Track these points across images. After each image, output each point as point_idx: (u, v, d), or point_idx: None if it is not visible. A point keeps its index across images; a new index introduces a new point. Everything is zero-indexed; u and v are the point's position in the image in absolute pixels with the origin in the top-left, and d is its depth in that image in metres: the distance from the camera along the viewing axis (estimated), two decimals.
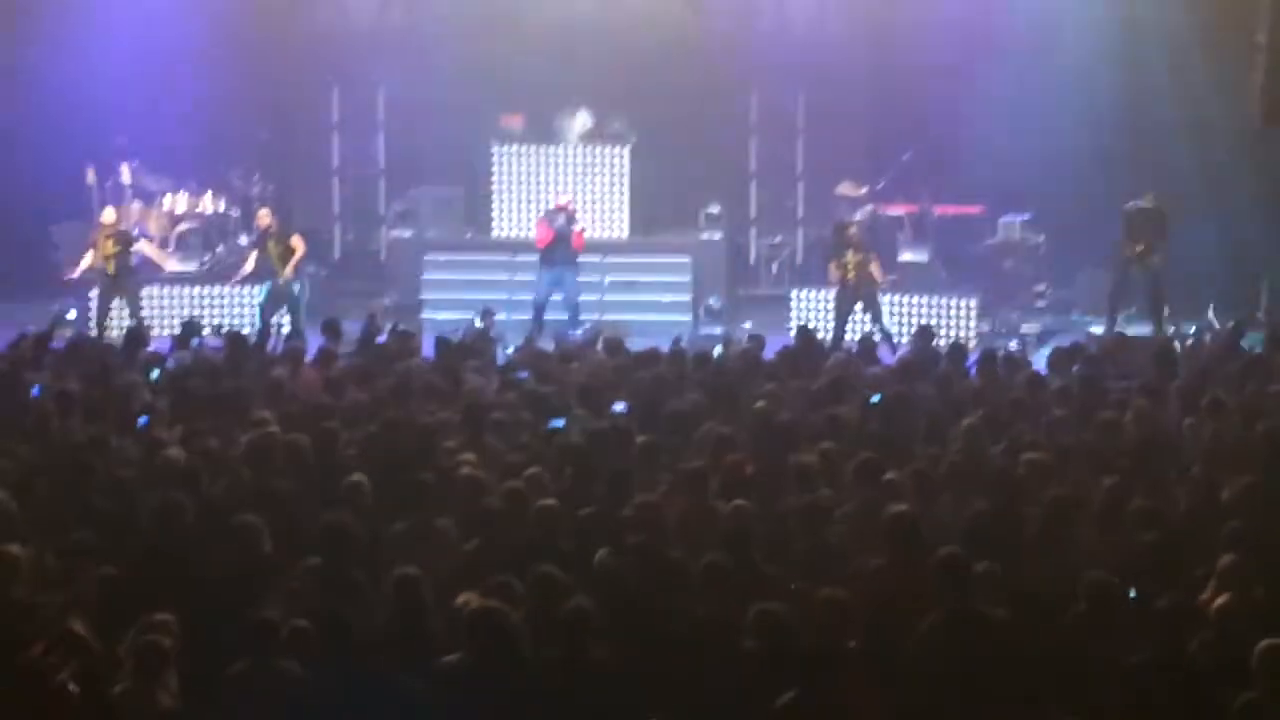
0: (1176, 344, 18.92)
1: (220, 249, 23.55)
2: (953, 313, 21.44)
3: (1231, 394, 15.04)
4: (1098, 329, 20.98)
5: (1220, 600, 9.30)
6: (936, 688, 8.47)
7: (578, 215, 21.94)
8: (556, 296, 21.48)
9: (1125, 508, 10.71)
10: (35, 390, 14.78)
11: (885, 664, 8.79)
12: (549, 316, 21.32)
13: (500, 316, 20.31)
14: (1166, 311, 21.18)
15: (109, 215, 21.35)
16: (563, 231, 21.55)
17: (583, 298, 21.78)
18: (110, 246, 20.97)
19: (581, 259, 21.91)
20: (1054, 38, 22.72)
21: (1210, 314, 21.27)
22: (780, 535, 10.48)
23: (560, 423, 13.53)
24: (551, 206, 22.20)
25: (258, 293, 21.44)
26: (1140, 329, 20.45)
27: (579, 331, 19.88)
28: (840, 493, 11.43)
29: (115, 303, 20.98)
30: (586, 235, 21.96)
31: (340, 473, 11.46)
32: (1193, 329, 20.25)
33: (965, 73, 22.69)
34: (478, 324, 18.70)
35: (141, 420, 13.59)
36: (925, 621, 9.06)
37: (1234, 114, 21.74)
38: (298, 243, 21.34)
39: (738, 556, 9.77)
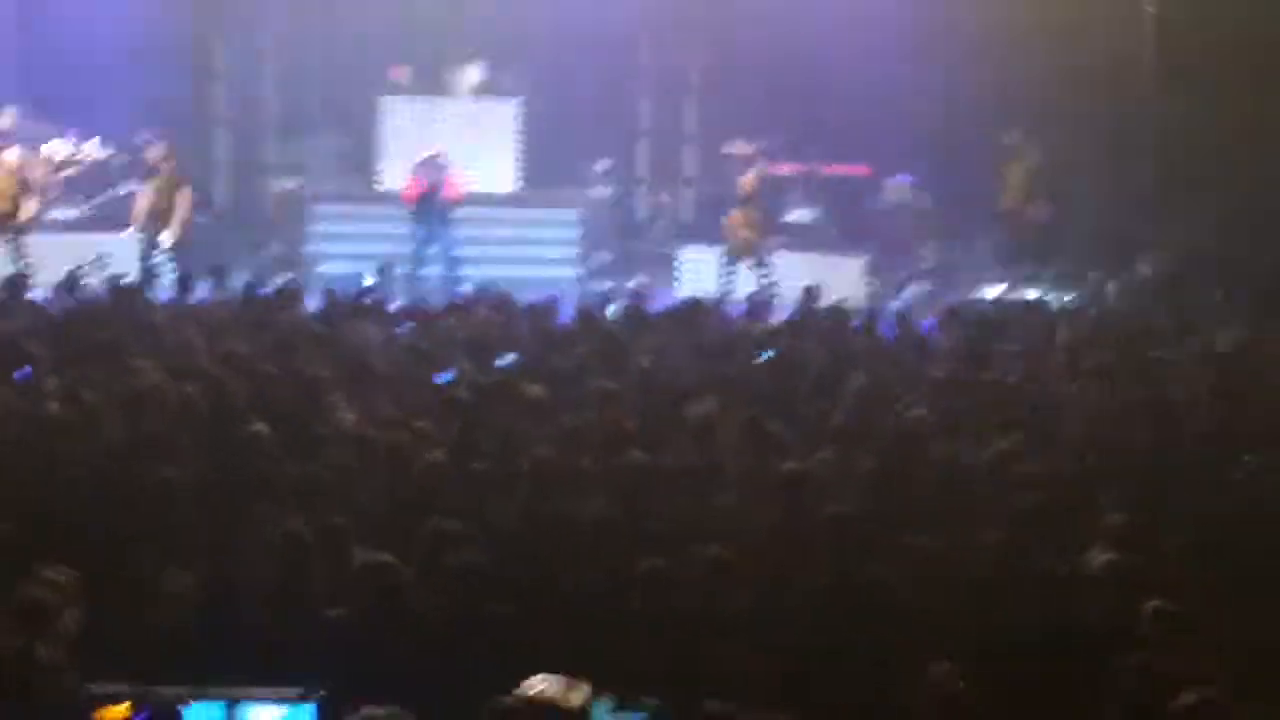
0: (1065, 306, 19.18)
1: (102, 197, 23.32)
2: (840, 273, 21.55)
3: (1115, 356, 15.27)
4: (988, 291, 21.21)
5: (1102, 561, 9.44)
6: (824, 649, 8.54)
7: (449, 167, 21.80)
8: (433, 250, 21.44)
9: (1011, 469, 10.84)
10: None
11: (772, 625, 8.86)
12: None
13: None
14: (1049, 270, 21.47)
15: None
16: (434, 183, 21.52)
17: (466, 251, 21.72)
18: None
19: (469, 212, 21.89)
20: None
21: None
22: (668, 492, 10.54)
23: (449, 376, 13.53)
24: (420, 159, 22.04)
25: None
26: (1031, 291, 20.62)
27: (461, 286, 19.86)
28: (728, 450, 11.50)
29: None
30: (475, 188, 21.97)
31: (228, 423, 11.45)
32: (1077, 291, 20.48)
33: (861, 30, 22.77)
34: (368, 279, 18.74)
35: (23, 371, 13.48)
36: (809, 579, 9.16)
37: (1127, 74, 21.74)
38: (184, 199, 21.17)
39: (626, 513, 9.83)
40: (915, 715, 7.33)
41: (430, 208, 21.50)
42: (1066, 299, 20.25)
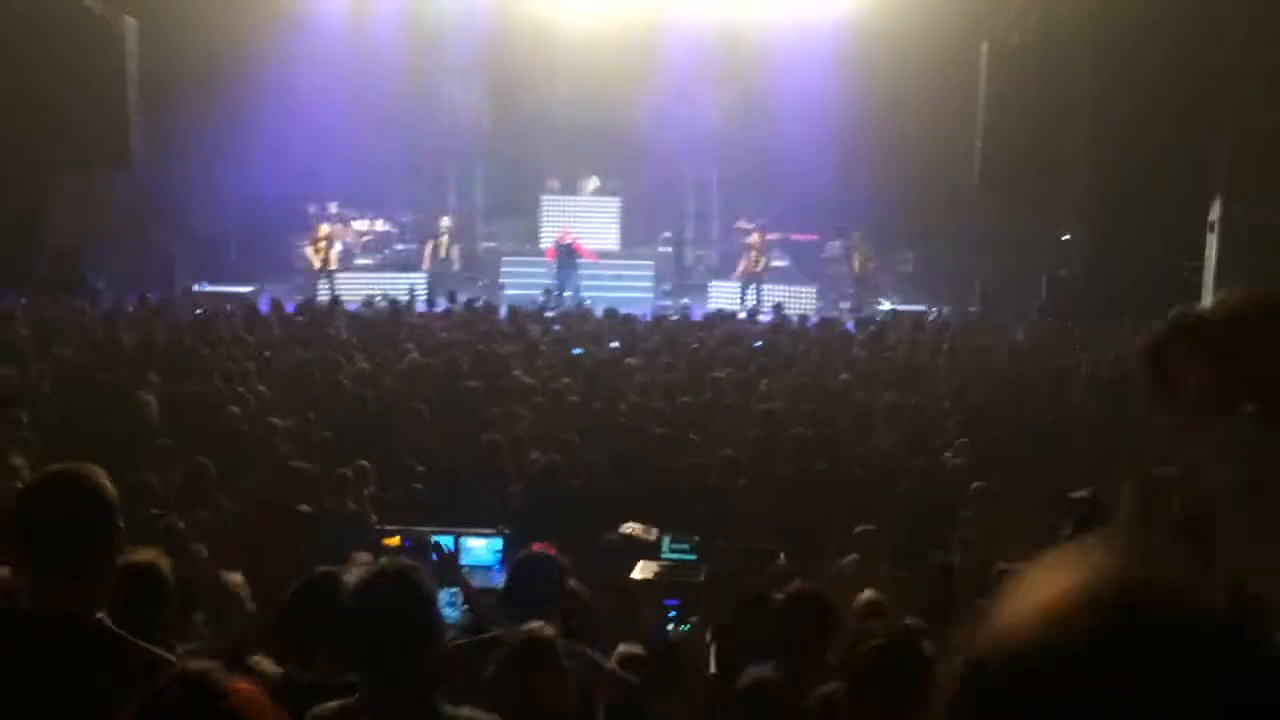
0: (929, 315, 19.07)
1: (386, 252, 23.49)
2: (802, 297, 21.47)
3: (959, 343, 15.17)
4: (885, 304, 21.11)
5: (953, 461, 9.39)
6: (791, 506, 8.54)
7: (573, 236, 21.96)
8: (568, 285, 21.40)
9: (898, 408, 10.80)
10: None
11: (760, 493, 8.86)
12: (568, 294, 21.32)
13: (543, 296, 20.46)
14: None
15: (324, 230, 21.37)
16: (562, 247, 21.56)
17: (589, 283, 21.67)
18: (324, 249, 21.01)
19: (588, 262, 22.00)
20: (869, 129, 22.55)
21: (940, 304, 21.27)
22: (701, 420, 10.55)
23: (579, 351, 13.57)
24: (557, 236, 22.19)
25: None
26: (909, 307, 20.49)
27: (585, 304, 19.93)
28: (733, 394, 11.50)
29: (323, 282, 20.88)
30: (595, 248, 22.12)
31: (457, 380, 11.52)
32: (935, 308, 20.37)
33: (815, 150, 22.63)
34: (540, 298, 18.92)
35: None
36: (783, 469, 9.15)
37: (965, 172, 21.43)
38: (456, 250, 22.30)
39: (677, 431, 9.84)
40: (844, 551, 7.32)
41: (563, 261, 21.57)
42: (930, 310, 20.13)
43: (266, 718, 2.18)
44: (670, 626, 6.51)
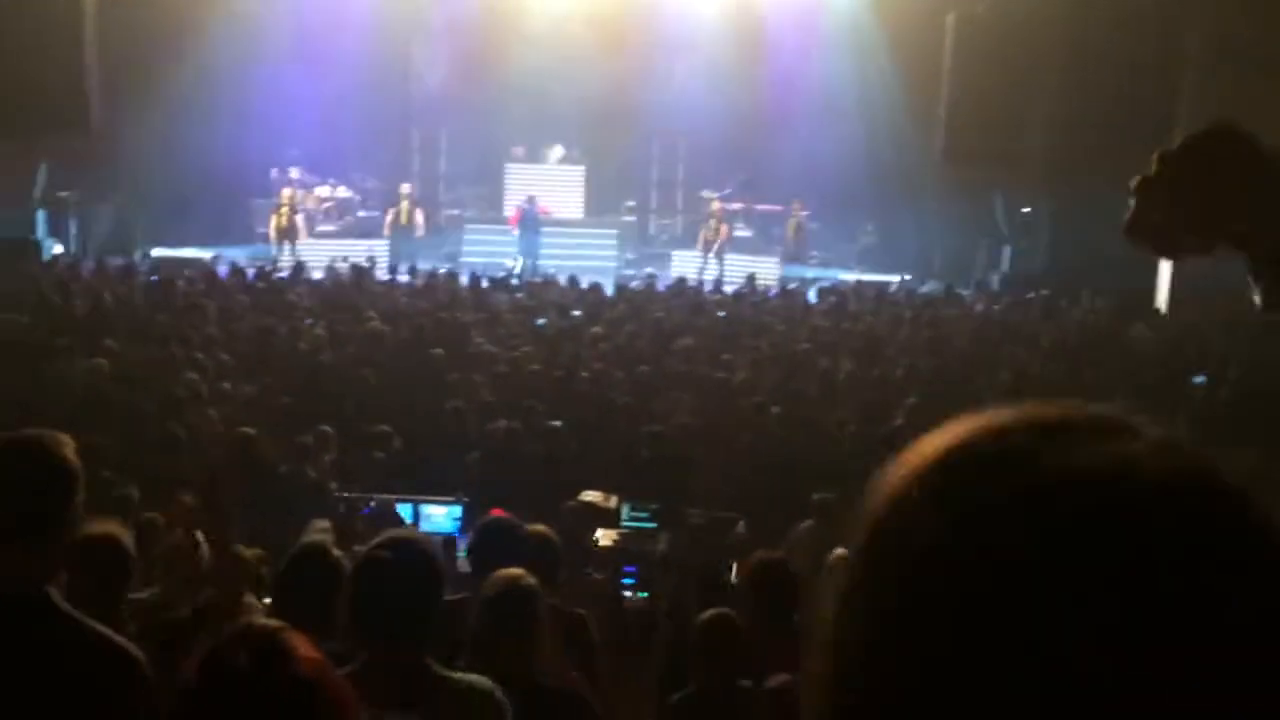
0: (891, 287, 19.11)
1: (348, 218, 23.27)
2: (764, 267, 21.46)
3: (922, 314, 15.23)
4: (844, 276, 21.14)
5: (900, 424, 9.42)
6: (751, 474, 8.56)
7: (538, 203, 21.83)
8: (530, 252, 21.30)
9: (857, 376, 10.84)
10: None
11: (721, 462, 8.88)
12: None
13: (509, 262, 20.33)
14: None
15: (285, 195, 21.17)
16: (528, 213, 21.41)
17: (553, 252, 21.59)
18: (285, 214, 20.83)
19: (558, 230, 21.88)
20: (834, 100, 22.61)
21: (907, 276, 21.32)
22: (664, 389, 10.55)
23: (542, 321, 13.52)
24: (523, 201, 21.97)
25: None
26: (873, 278, 20.51)
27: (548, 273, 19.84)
28: (699, 366, 11.50)
29: (286, 249, 20.73)
30: (559, 216, 22.05)
31: (417, 348, 11.44)
32: (897, 279, 20.40)
33: (779, 121, 22.68)
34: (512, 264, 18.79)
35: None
36: (744, 437, 9.17)
37: (929, 144, 21.40)
38: (419, 213, 21.84)
39: (638, 399, 9.84)
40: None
41: (526, 228, 21.46)
42: (890, 281, 20.17)
43: (336, 685, 1.93)
44: (629, 594, 6.52)
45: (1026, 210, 21.14)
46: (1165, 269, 18.78)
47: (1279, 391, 9.97)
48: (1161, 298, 18.48)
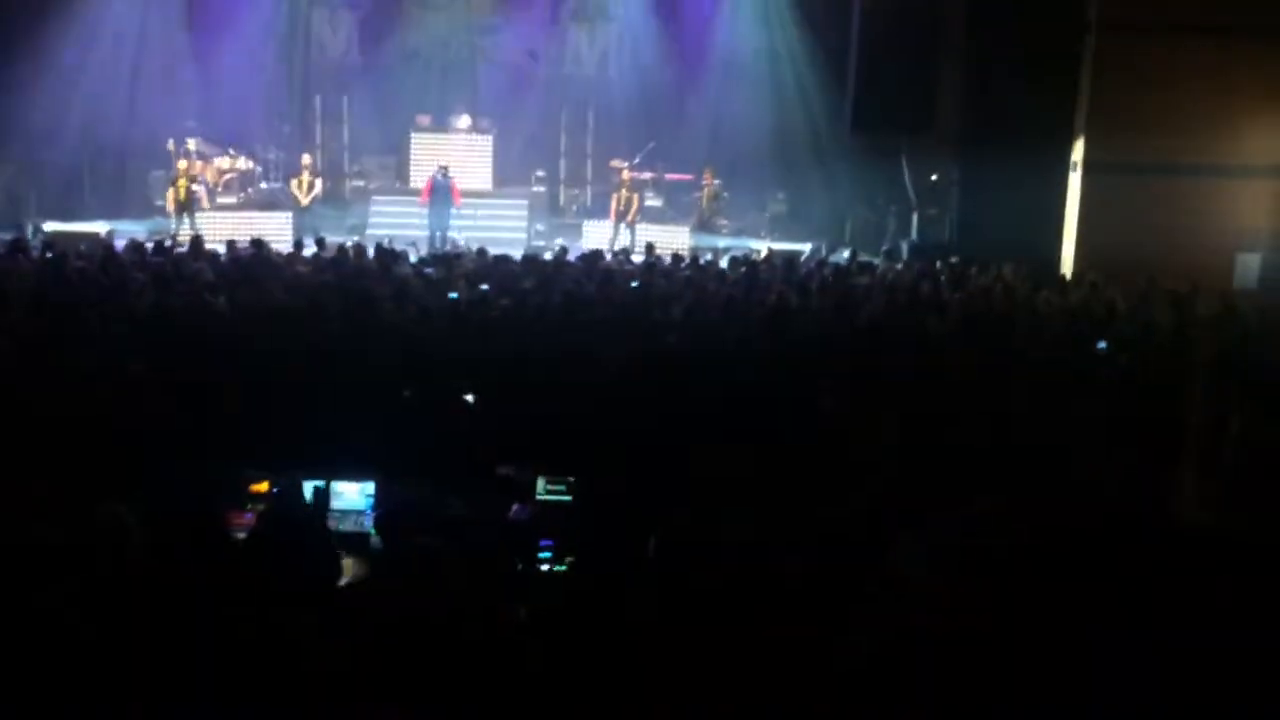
0: (802, 255, 19.19)
1: (250, 190, 22.77)
2: (675, 236, 21.45)
3: (824, 283, 15.33)
4: (755, 244, 21.23)
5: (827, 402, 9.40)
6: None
7: (451, 176, 21.42)
8: (439, 225, 21.12)
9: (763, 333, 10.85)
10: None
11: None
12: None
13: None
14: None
15: (182, 166, 20.68)
16: (440, 184, 21.10)
17: (460, 223, 21.38)
18: (183, 187, 20.37)
19: (463, 202, 21.67)
20: (743, 70, 22.74)
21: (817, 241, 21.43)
22: (578, 360, 10.45)
23: (454, 295, 13.35)
24: (434, 170, 21.63)
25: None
26: (784, 247, 20.59)
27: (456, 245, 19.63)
28: (607, 335, 11.41)
29: (185, 221, 20.27)
30: (462, 187, 21.75)
31: (319, 321, 11.23)
32: (808, 247, 20.50)
33: (689, 90, 22.75)
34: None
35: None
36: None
37: (838, 113, 21.58)
38: (318, 183, 21.63)
39: (553, 371, 9.72)
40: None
41: (436, 199, 21.22)
42: (804, 249, 20.26)
43: None
44: (545, 567, 6.46)
45: (934, 178, 21.37)
46: (1070, 238, 19.15)
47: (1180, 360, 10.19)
48: (1066, 267, 18.82)
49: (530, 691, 4.04)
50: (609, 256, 17.81)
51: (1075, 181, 19.08)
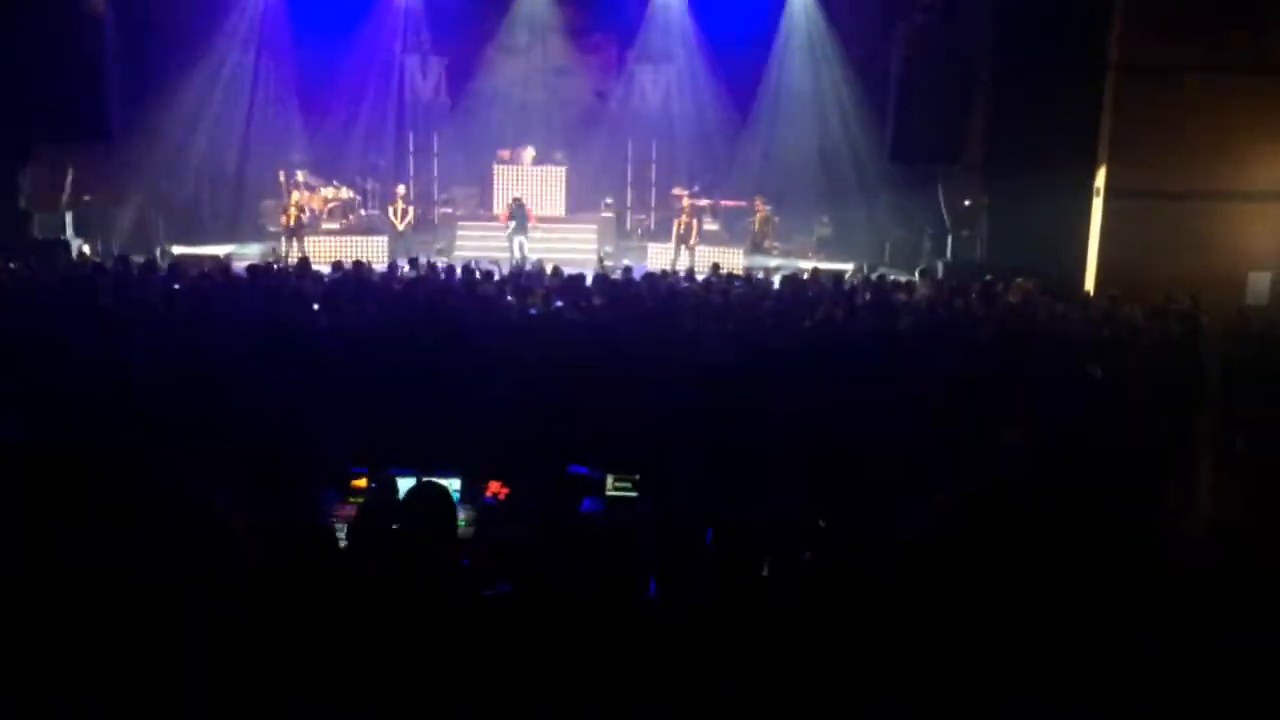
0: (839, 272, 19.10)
1: (350, 218, 23.14)
2: (730, 257, 21.47)
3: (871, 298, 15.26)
4: (803, 265, 21.16)
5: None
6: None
7: (526, 203, 21.73)
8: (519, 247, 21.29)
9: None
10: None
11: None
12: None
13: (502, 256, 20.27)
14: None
15: (294, 197, 21.12)
16: (517, 212, 21.31)
17: (537, 246, 21.55)
18: (294, 214, 20.80)
19: (541, 227, 21.86)
20: (791, 105, 22.73)
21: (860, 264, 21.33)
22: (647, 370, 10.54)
23: (535, 310, 13.46)
24: (510, 200, 21.89)
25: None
26: (830, 267, 20.52)
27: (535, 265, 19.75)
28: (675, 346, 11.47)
29: (294, 245, 20.67)
30: (537, 213, 21.96)
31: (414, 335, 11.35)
32: (851, 266, 20.43)
33: (742, 124, 22.80)
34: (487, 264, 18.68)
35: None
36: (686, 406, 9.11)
37: (879, 144, 21.48)
38: (411, 211, 22.01)
39: (623, 380, 9.80)
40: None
41: (516, 225, 21.42)
42: (847, 269, 20.18)
43: None
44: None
45: (967, 203, 21.22)
46: (1093, 258, 18.93)
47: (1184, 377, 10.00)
48: (1089, 284, 18.60)
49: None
50: (677, 274, 17.94)
51: (1097, 206, 18.89)
